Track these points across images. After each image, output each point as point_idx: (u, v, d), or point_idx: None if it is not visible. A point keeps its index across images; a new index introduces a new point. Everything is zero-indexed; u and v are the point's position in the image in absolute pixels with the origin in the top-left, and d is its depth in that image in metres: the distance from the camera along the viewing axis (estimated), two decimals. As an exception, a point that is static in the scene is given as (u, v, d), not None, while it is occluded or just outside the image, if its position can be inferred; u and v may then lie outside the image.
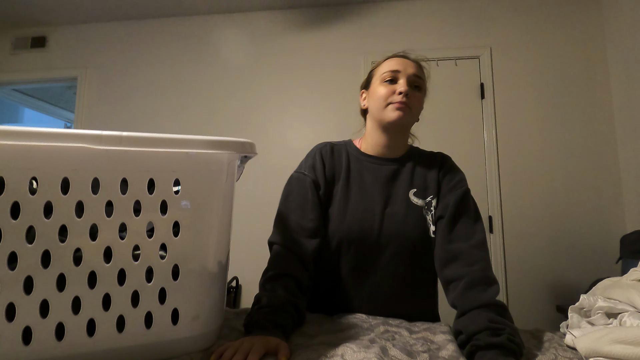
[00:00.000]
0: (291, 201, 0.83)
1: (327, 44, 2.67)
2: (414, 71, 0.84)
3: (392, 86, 0.83)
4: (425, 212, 0.82)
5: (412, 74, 0.84)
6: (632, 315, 0.60)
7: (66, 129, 1.28)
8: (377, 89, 0.86)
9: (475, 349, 0.55)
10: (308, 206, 0.82)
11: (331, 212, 0.84)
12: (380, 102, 0.84)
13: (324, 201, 0.85)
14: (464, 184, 0.83)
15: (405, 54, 0.89)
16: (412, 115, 0.85)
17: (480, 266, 0.68)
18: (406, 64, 0.85)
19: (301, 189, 0.84)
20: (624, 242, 1.84)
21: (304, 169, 0.87)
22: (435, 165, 0.87)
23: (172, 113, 2.76)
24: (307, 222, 0.80)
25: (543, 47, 2.42)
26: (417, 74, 0.85)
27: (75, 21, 2.92)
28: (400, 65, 0.84)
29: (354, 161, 0.88)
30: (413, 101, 0.83)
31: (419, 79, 0.85)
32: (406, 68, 0.84)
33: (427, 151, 0.92)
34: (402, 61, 0.85)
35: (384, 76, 0.85)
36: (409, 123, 0.87)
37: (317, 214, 0.82)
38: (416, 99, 0.84)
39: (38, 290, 0.46)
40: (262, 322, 0.60)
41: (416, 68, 0.85)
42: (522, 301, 2.21)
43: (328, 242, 0.83)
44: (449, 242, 0.75)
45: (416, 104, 0.84)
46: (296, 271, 0.73)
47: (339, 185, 0.86)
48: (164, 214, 0.52)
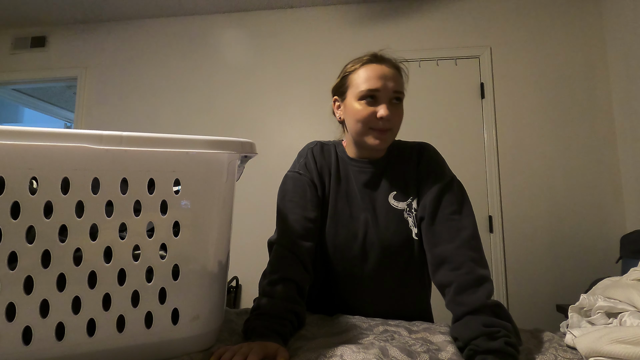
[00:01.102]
0: (288, 201, 0.82)
1: (326, 43, 2.67)
2: (394, 85, 0.77)
3: (372, 108, 0.77)
4: (407, 215, 0.81)
5: (393, 91, 0.77)
6: (632, 314, 0.60)
7: (66, 128, 1.28)
8: (354, 107, 0.79)
9: (474, 353, 0.55)
10: (307, 206, 0.81)
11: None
12: (359, 126, 0.79)
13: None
14: (442, 177, 0.78)
15: (382, 55, 0.82)
16: (393, 137, 0.81)
17: (467, 268, 0.65)
18: (386, 77, 0.77)
19: (298, 188, 0.83)
20: (624, 242, 1.84)
21: (298, 168, 0.86)
22: (413, 162, 0.83)
23: (172, 113, 2.76)
24: (307, 222, 0.79)
25: (543, 47, 2.42)
26: (397, 88, 0.78)
27: (75, 21, 2.92)
28: (380, 82, 0.76)
29: (342, 163, 0.88)
30: (394, 122, 0.79)
31: (399, 93, 0.78)
32: (386, 84, 0.77)
33: (407, 144, 0.88)
34: (380, 73, 0.77)
35: (361, 94, 0.78)
36: (390, 144, 0.83)
37: (317, 214, 0.82)
38: (397, 116, 0.79)
39: (38, 290, 0.46)
40: (260, 330, 0.60)
41: (395, 79, 0.78)
42: (522, 301, 2.21)
43: (321, 243, 0.83)
44: (434, 245, 0.73)
45: (397, 122, 0.80)
46: (297, 275, 0.72)
47: (329, 187, 0.85)
48: (164, 214, 0.52)
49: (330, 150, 0.89)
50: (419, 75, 2.48)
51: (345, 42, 2.65)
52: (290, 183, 0.84)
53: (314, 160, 0.87)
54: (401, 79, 0.81)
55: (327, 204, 0.84)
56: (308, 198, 0.82)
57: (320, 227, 0.83)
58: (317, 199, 0.83)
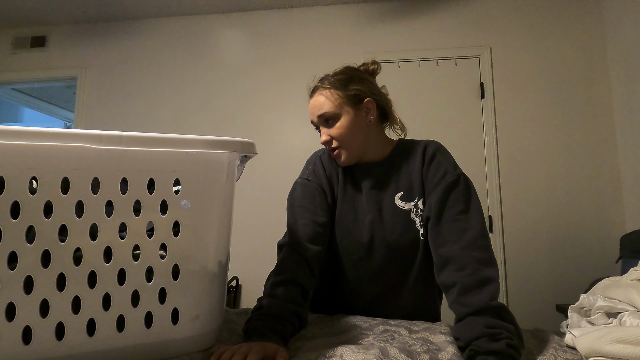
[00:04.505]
0: (298, 206, 0.82)
1: (326, 43, 2.67)
2: (317, 112, 0.83)
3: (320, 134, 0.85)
4: (413, 216, 0.81)
5: (318, 118, 0.83)
6: (632, 314, 0.60)
7: (66, 128, 1.28)
8: None
9: (475, 353, 0.55)
10: (317, 211, 0.81)
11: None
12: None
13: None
14: (449, 176, 0.77)
15: (314, 87, 0.87)
16: (350, 149, 0.83)
17: (472, 269, 0.65)
18: (313, 107, 0.84)
19: (307, 194, 0.83)
20: (624, 241, 1.84)
21: (307, 175, 0.87)
22: (419, 161, 0.82)
23: (172, 113, 2.76)
24: (317, 226, 0.79)
25: (543, 47, 2.42)
26: (320, 112, 0.82)
27: (75, 21, 2.92)
28: (312, 114, 0.85)
29: (348, 168, 0.88)
30: (338, 138, 0.82)
31: (324, 115, 0.82)
32: (314, 114, 0.84)
33: (414, 143, 0.87)
34: (311, 107, 0.85)
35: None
36: (355, 153, 0.84)
37: (326, 219, 0.82)
38: (337, 134, 0.81)
39: (38, 290, 0.46)
40: (261, 330, 0.60)
41: (319, 105, 0.82)
42: (522, 301, 2.21)
43: (328, 248, 0.83)
44: (439, 245, 0.72)
45: (342, 138, 0.82)
46: (303, 278, 0.72)
47: (336, 192, 0.86)
48: (164, 213, 0.52)
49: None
50: (419, 75, 2.48)
51: (345, 42, 2.65)
52: (299, 190, 0.85)
53: (323, 167, 0.88)
54: (328, 99, 0.82)
55: (335, 210, 0.85)
56: (318, 203, 0.82)
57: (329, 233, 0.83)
58: (326, 205, 0.84)
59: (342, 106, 0.81)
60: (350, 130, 0.81)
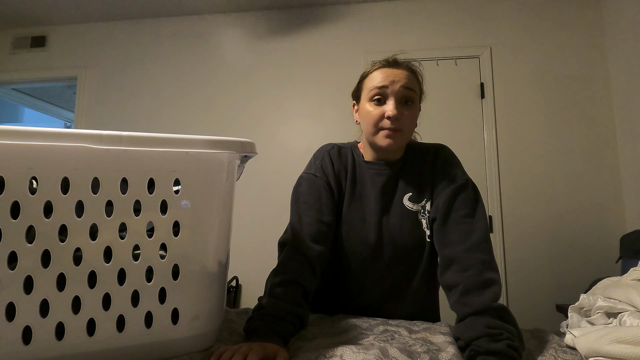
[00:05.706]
0: (302, 203, 0.80)
1: (327, 43, 2.67)
2: (404, 83, 0.78)
3: (381, 107, 0.78)
4: (420, 217, 0.81)
5: (402, 88, 0.77)
6: (632, 314, 0.60)
7: (66, 128, 1.28)
8: (365, 108, 0.81)
9: (475, 353, 0.55)
10: (323, 209, 0.80)
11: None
12: (370, 127, 0.80)
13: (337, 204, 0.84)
14: (457, 180, 0.78)
15: (396, 59, 0.82)
16: (404, 138, 0.80)
17: (475, 270, 0.65)
18: (394, 76, 0.78)
19: (313, 190, 0.82)
20: (624, 241, 1.84)
21: (314, 170, 0.85)
22: (429, 163, 0.83)
23: (172, 112, 2.76)
24: (321, 225, 0.78)
25: (543, 47, 2.42)
26: (408, 85, 0.78)
27: (75, 21, 2.92)
28: (388, 80, 0.78)
29: (358, 166, 0.87)
30: (404, 123, 0.78)
31: (410, 91, 0.78)
32: (394, 82, 0.77)
33: (424, 146, 0.88)
34: (390, 74, 0.78)
35: (371, 94, 0.79)
36: (404, 143, 0.83)
37: (332, 218, 0.81)
38: (407, 119, 0.78)
39: (38, 290, 0.46)
40: (261, 330, 0.60)
41: (406, 78, 0.79)
42: (522, 301, 2.21)
43: (333, 246, 0.83)
44: (444, 246, 0.73)
45: (407, 125, 0.79)
46: (305, 279, 0.71)
47: (344, 190, 0.85)
48: (164, 213, 0.52)
49: (347, 153, 0.88)
50: (419, 75, 2.48)
51: (345, 42, 2.65)
52: (305, 185, 0.83)
53: (332, 162, 0.85)
54: (414, 80, 0.81)
55: (341, 208, 0.84)
56: (323, 201, 0.81)
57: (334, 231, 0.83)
58: (332, 203, 0.82)
59: (416, 99, 0.82)
60: (414, 122, 0.82)
